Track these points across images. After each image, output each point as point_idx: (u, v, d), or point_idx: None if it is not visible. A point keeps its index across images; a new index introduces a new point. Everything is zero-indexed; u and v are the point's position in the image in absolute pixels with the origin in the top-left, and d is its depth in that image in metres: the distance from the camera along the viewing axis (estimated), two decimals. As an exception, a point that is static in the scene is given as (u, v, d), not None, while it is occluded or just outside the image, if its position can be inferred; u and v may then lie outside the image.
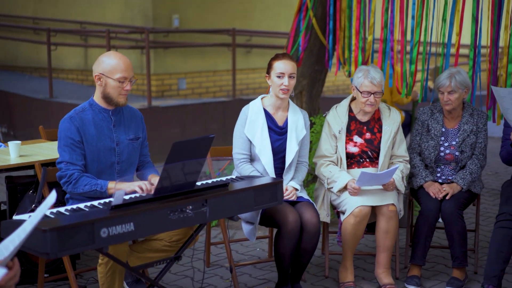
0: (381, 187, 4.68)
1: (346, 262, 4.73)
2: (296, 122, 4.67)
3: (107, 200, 3.73)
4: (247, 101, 10.15)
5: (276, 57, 4.60)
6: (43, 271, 4.45)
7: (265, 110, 4.65)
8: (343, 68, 6.56)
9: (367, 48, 6.25)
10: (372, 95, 4.69)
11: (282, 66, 4.54)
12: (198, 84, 10.92)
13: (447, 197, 4.77)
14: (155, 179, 4.13)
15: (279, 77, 4.53)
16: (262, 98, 4.72)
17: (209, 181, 4.07)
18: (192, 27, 10.66)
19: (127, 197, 3.69)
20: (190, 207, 3.65)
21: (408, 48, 5.92)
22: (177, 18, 10.62)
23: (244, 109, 4.67)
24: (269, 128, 4.62)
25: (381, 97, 4.76)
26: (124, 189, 3.90)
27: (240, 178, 4.20)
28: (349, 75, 6.48)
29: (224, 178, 4.22)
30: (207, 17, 10.89)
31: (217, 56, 10.93)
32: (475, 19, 5.55)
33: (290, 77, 4.54)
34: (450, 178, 4.93)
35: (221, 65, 11.02)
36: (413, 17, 5.88)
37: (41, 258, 4.41)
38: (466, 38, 5.86)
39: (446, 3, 5.65)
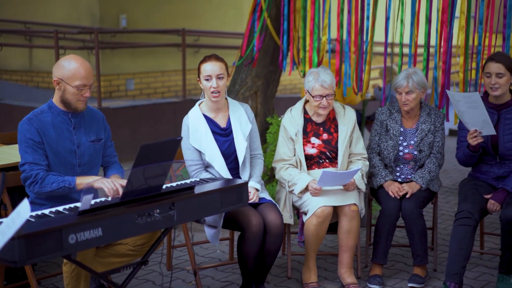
0: (342, 187, 4.70)
1: (309, 262, 4.74)
2: (239, 118, 4.64)
3: (72, 205, 3.66)
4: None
5: (203, 60, 4.55)
6: (3, 279, 4.34)
7: (205, 116, 4.61)
8: (297, 68, 6.58)
9: (322, 48, 6.28)
10: (324, 98, 4.71)
11: (209, 68, 4.50)
12: (146, 84, 10.81)
13: (407, 196, 4.83)
14: (115, 180, 4.07)
15: (207, 80, 4.50)
16: (199, 104, 4.68)
17: (174, 184, 4.03)
18: (139, 27, 10.55)
19: (93, 201, 3.62)
20: (158, 210, 3.61)
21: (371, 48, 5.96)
22: (125, 18, 10.50)
23: (184, 120, 4.62)
24: (213, 132, 4.58)
25: (334, 98, 4.78)
26: (93, 184, 3.85)
27: (205, 181, 4.17)
28: (304, 75, 6.51)
29: (188, 181, 4.18)
30: (155, 17, 10.80)
31: (165, 57, 10.85)
32: (428, 20, 5.63)
33: (218, 78, 4.50)
34: (409, 177, 4.99)
35: (169, 66, 10.94)
36: (368, 18, 5.93)
37: (-2, 266, 4.31)
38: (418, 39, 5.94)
39: (402, 4, 5.72)
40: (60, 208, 3.59)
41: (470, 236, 4.52)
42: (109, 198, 3.77)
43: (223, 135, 4.59)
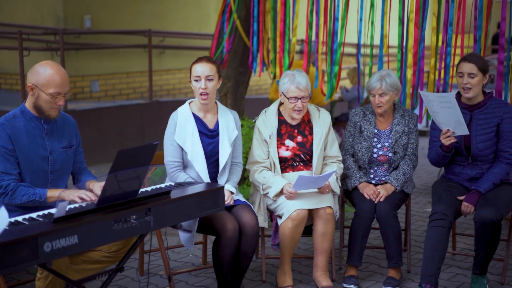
0: (316, 190, 4.68)
1: (284, 266, 4.71)
2: (227, 123, 4.61)
3: (46, 212, 3.58)
4: (165, 103, 10.01)
5: (195, 61, 4.54)
6: (-28, 288, 4.23)
7: (194, 115, 4.57)
8: (267, 69, 6.56)
9: (292, 49, 6.26)
10: (299, 100, 4.68)
11: (199, 69, 4.49)
12: (111, 86, 10.69)
13: (382, 199, 4.82)
14: (93, 185, 4.01)
15: (196, 80, 4.48)
16: (190, 103, 4.64)
17: (149, 189, 3.97)
18: (104, 28, 10.42)
19: (67, 208, 3.54)
20: (134, 216, 3.55)
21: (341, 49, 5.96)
22: (89, 19, 10.36)
23: (173, 115, 4.58)
24: (200, 132, 4.54)
25: (308, 101, 4.77)
26: (64, 198, 3.78)
27: (180, 185, 4.11)
28: (274, 76, 6.48)
29: (163, 185, 4.13)
30: (119, 18, 10.68)
31: (130, 58, 10.73)
32: (401, 21, 5.65)
33: (207, 79, 4.47)
34: (383, 179, 4.98)
35: (134, 67, 10.83)
36: (337, 19, 5.93)
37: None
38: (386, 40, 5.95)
39: (372, 5, 5.72)
40: (34, 215, 3.51)
41: (444, 238, 4.53)
42: (84, 204, 3.69)
43: (209, 137, 4.55)
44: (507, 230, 4.99)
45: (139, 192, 3.74)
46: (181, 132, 4.50)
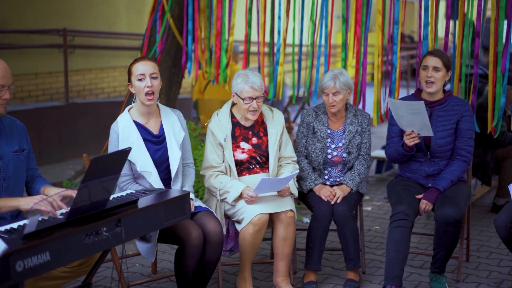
0: (275, 193, 4.54)
1: (245, 273, 4.55)
2: (172, 125, 4.39)
3: (7, 227, 3.27)
4: (82, 105, 9.60)
5: (134, 61, 4.30)
6: None
7: (135, 122, 4.32)
8: (201, 69, 6.37)
9: (229, 49, 6.09)
10: (254, 100, 4.53)
11: (141, 67, 4.24)
12: (20, 88, 10.15)
13: (338, 200, 4.74)
14: (48, 190, 3.72)
15: (140, 79, 4.23)
16: (129, 110, 4.38)
17: (111, 198, 3.72)
18: (11, 27, 9.90)
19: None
20: (105, 228, 3.32)
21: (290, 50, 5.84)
22: (-4, 17, 9.82)
23: (113, 126, 4.30)
24: (144, 140, 4.29)
25: (263, 101, 4.63)
26: (18, 206, 3.50)
27: (143, 193, 3.87)
28: (209, 77, 6.30)
29: (124, 194, 3.88)
30: (27, 17, 10.18)
31: (38, 58, 10.22)
32: (345, 20, 5.59)
33: (152, 77, 4.25)
34: (338, 180, 4.90)
35: (43, 67, 10.34)
36: (279, 18, 5.81)
37: None
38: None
39: (313, 4, 5.64)
40: (2, 228, 3.21)
41: (407, 238, 4.49)
42: (46, 217, 3.40)
43: (155, 143, 4.30)
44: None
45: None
46: (124, 143, 4.22)
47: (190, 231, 4.05)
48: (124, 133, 4.23)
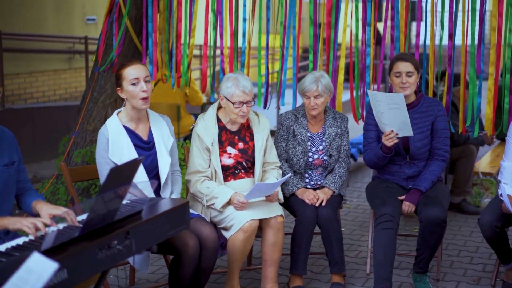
0: (263, 198, 4.46)
1: (233, 280, 4.44)
2: (161, 131, 4.27)
3: (14, 244, 3.07)
4: (20, 110, 9.20)
5: (124, 65, 4.14)
6: None
7: (125, 127, 4.17)
8: (161, 72, 6.20)
9: (190, 51, 5.95)
10: (244, 104, 4.44)
11: (134, 72, 4.10)
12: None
13: (323, 203, 4.70)
14: (40, 206, 3.51)
15: (134, 84, 4.08)
16: (117, 114, 4.22)
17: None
18: None
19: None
20: (115, 241, 3.16)
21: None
22: None
23: (102, 131, 4.13)
24: (135, 145, 4.14)
25: (251, 106, 4.54)
26: (7, 226, 3.29)
27: (139, 202, 3.70)
28: (167, 80, 6.14)
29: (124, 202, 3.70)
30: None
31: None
32: (313, 22, 5.56)
33: (146, 81, 4.12)
34: (319, 183, 4.87)
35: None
36: (244, 20, 5.73)
37: None
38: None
39: (281, 5, 5.58)
40: (2, 248, 3.00)
41: (394, 239, 4.50)
42: (32, 237, 3.20)
43: (145, 149, 4.15)
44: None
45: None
46: (115, 148, 4.07)
47: (187, 240, 3.92)
48: (114, 138, 4.07)
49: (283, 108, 5.84)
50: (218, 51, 6.02)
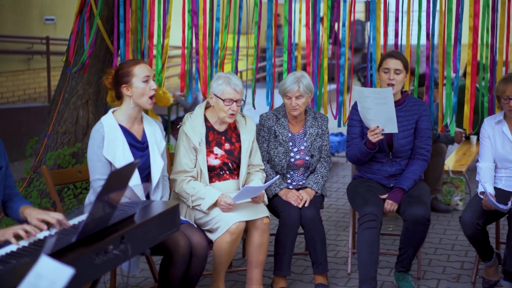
0: (249, 200, 4.43)
1: (219, 283, 4.40)
2: (154, 133, 4.22)
3: (8, 251, 2.98)
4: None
5: (133, 63, 4.10)
6: None
7: (120, 126, 4.10)
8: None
9: (164, 52, 5.89)
10: (234, 102, 4.40)
11: (145, 69, 4.09)
12: None
13: (306, 204, 4.69)
14: (29, 212, 3.42)
15: (146, 81, 4.06)
16: (113, 112, 4.16)
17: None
18: None
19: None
20: (111, 246, 3.09)
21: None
22: None
23: (97, 127, 4.06)
24: (129, 145, 4.08)
25: (241, 105, 4.51)
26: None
27: (131, 205, 3.64)
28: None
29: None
30: None
31: None
32: (288, 22, 5.55)
33: (153, 79, 4.13)
34: (300, 183, 4.85)
35: None
36: (218, 19, 5.68)
37: None
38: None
39: (256, 5, 5.56)
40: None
41: (378, 239, 4.51)
42: (26, 243, 3.13)
43: (140, 149, 4.10)
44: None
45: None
46: (110, 146, 4.01)
47: (178, 240, 3.89)
48: (109, 135, 4.01)
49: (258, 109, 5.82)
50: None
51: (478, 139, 7.98)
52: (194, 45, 5.76)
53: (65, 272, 2.20)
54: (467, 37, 5.10)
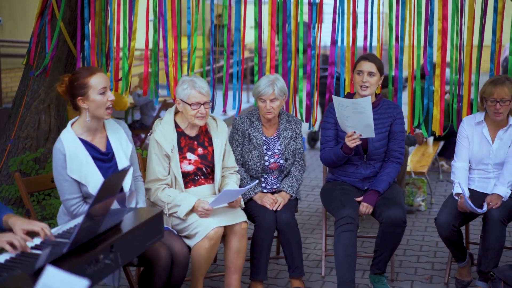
0: (226, 204, 4.38)
1: (197, 290, 4.34)
2: (119, 139, 4.06)
3: (1, 260, 2.88)
4: None
5: (88, 74, 3.85)
6: None
7: (81, 140, 3.94)
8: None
9: (131, 55, 5.79)
10: (201, 105, 4.34)
11: (102, 80, 3.87)
12: None
13: (280, 207, 4.67)
14: (13, 222, 3.30)
15: (103, 93, 3.86)
16: (71, 125, 3.98)
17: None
18: None
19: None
20: (102, 256, 3.02)
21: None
22: None
23: (57, 146, 3.84)
24: (94, 158, 3.91)
25: (209, 107, 4.44)
26: None
27: (118, 214, 3.54)
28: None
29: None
30: None
31: None
32: (258, 25, 5.52)
33: (110, 89, 3.97)
34: (275, 187, 4.83)
35: None
36: (189, 22, 5.62)
37: None
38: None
39: (225, 8, 5.51)
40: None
41: (355, 242, 4.51)
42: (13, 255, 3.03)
43: (105, 161, 3.93)
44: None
45: (73, 225, 3.22)
46: (73, 164, 3.81)
47: (159, 250, 3.81)
48: (71, 153, 3.81)
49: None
50: (161, 54, 5.86)
51: (434, 140, 8.14)
52: (161, 47, 5.67)
53: (81, 284, 2.11)
54: (436, 39, 5.15)
